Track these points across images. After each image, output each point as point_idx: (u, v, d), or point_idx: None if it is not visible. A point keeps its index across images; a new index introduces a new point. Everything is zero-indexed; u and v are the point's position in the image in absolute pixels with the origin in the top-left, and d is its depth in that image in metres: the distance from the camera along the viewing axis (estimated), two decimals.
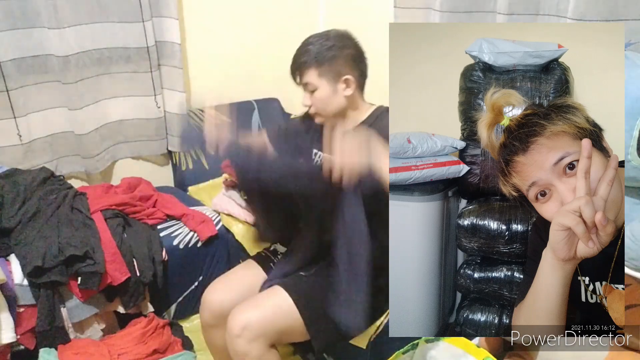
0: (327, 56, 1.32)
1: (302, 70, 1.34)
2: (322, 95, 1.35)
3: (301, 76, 1.36)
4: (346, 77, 1.35)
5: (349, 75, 1.35)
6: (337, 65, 1.33)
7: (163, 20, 2.03)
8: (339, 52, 1.33)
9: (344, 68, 1.34)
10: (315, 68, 1.33)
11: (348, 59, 1.34)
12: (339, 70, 1.34)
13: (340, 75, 1.34)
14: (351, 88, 1.36)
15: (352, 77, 1.35)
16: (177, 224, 1.86)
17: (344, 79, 1.35)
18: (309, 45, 1.34)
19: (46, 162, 1.98)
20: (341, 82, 1.35)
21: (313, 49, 1.33)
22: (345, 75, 1.34)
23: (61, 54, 1.85)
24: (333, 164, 1.10)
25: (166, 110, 2.19)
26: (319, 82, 1.34)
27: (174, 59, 2.08)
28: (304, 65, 1.34)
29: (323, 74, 1.33)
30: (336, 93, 1.36)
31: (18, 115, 1.86)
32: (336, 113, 1.39)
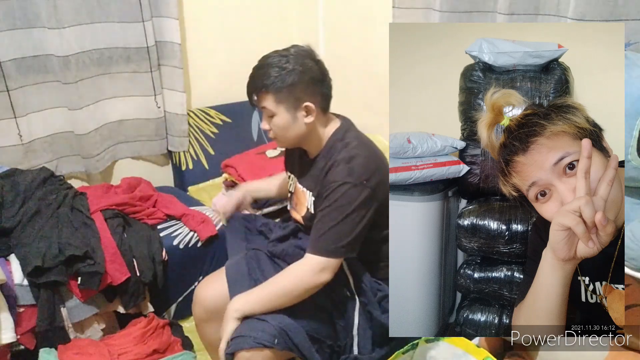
0: (287, 82, 1.21)
1: (259, 94, 1.24)
2: (280, 122, 1.26)
3: (258, 99, 1.26)
4: (306, 104, 1.25)
5: (309, 102, 1.25)
6: (297, 91, 1.23)
7: (163, 20, 2.03)
8: (298, 78, 1.22)
9: (304, 95, 1.24)
10: (273, 94, 1.23)
11: (309, 84, 1.24)
12: (298, 96, 1.24)
13: (301, 102, 1.24)
14: (312, 115, 1.26)
15: (313, 103, 1.25)
16: (177, 224, 1.86)
17: (305, 106, 1.25)
18: (267, 67, 1.23)
19: (46, 162, 1.98)
20: (301, 109, 1.25)
21: (272, 71, 1.22)
22: (305, 102, 1.25)
23: (61, 54, 1.85)
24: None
25: (166, 110, 2.19)
26: (276, 109, 1.24)
27: (174, 59, 2.08)
28: (260, 90, 1.24)
29: (281, 101, 1.23)
30: (296, 120, 1.26)
31: (18, 115, 1.86)
32: (296, 140, 1.31)
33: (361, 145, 1.29)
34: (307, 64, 1.25)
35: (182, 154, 2.24)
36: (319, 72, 1.27)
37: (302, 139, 1.32)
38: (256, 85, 1.25)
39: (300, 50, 1.27)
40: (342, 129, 1.32)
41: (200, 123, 2.27)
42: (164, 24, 2.03)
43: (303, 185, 1.39)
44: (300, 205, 1.41)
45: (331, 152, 1.29)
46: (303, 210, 1.39)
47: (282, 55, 1.25)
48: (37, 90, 1.89)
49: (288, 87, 1.22)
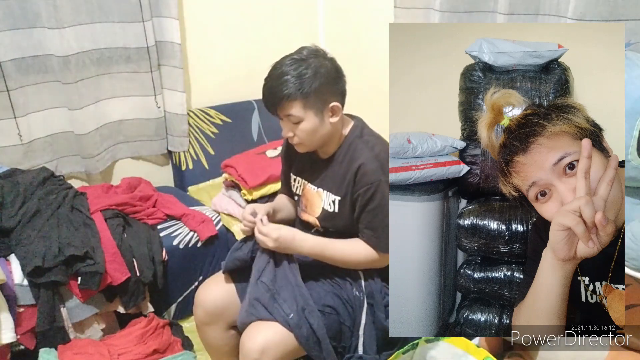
0: (313, 86, 1.21)
1: (285, 104, 1.22)
2: (308, 127, 1.25)
3: (282, 109, 1.23)
4: (333, 104, 1.26)
5: (335, 102, 1.26)
6: (323, 94, 1.23)
7: (163, 20, 2.03)
8: (323, 79, 1.22)
9: (330, 95, 1.25)
10: (301, 100, 1.21)
11: (332, 84, 1.25)
12: (325, 98, 1.24)
13: (327, 104, 1.25)
14: (337, 115, 1.27)
15: (338, 102, 1.27)
16: (177, 224, 1.86)
17: (331, 107, 1.26)
18: (286, 74, 1.21)
19: (46, 162, 1.98)
20: (328, 111, 1.26)
21: (293, 79, 1.20)
22: (331, 102, 1.25)
23: (61, 54, 1.85)
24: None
25: (166, 110, 2.19)
26: (304, 115, 1.23)
27: (174, 59, 2.08)
28: (286, 99, 1.21)
29: (309, 106, 1.22)
30: (323, 123, 1.26)
31: (18, 115, 1.86)
32: (321, 142, 1.31)
33: (379, 140, 1.33)
34: (325, 64, 1.25)
35: (182, 154, 2.24)
36: (336, 71, 1.28)
37: (326, 140, 1.32)
38: (280, 95, 1.21)
39: (312, 51, 1.26)
40: (357, 127, 1.35)
41: (200, 123, 2.26)
42: (164, 24, 2.03)
43: (317, 186, 1.39)
44: (313, 206, 1.40)
45: (353, 151, 1.31)
46: (317, 211, 1.39)
47: (298, 60, 1.23)
48: (37, 90, 1.89)
49: (315, 91, 1.21)
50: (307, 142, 1.29)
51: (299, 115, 1.23)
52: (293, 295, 1.28)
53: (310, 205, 1.42)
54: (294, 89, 1.20)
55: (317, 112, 1.24)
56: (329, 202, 1.35)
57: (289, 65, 1.22)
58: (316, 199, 1.39)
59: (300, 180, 1.45)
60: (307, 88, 1.21)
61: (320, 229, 1.42)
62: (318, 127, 1.26)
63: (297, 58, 1.23)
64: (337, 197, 1.33)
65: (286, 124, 1.28)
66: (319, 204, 1.38)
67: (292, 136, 1.29)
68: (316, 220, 1.41)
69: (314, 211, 1.41)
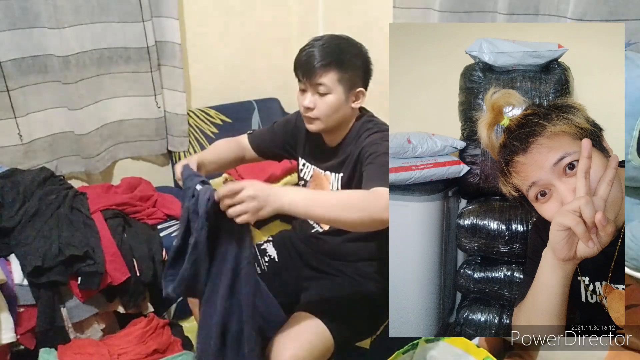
0: (353, 64, 1.25)
1: (323, 70, 1.22)
2: (333, 100, 1.26)
3: (318, 76, 1.23)
4: (360, 89, 1.29)
5: (362, 88, 1.29)
6: (357, 75, 1.27)
7: (163, 20, 2.03)
8: (362, 63, 1.27)
9: (360, 80, 1.29)
10: (338, 72, 1.23)
11: (365, 72, 1.29)
12: (356, 81, 1.28)
13: (356, 87, 1.28)
14: (359, 102, 1.31)
15: (364, 90, 1.30)
16: (177, 224, 1.86)
17: (358, 91, 1.29)
18: (329, 44, 1.24)
19: (46, 162, 1.98)
20: (353, 94, 1.29)
21: (336, 49, 1.23)
22: (359, 87, 1.29)
23: (61, 54, 1.85)
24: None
25: (166, 110, 2.19)
26: (335, 87, 1.25)
27: (174, 59, 2.08)
28: (325, 66, 1.22)
29: (342, 80, 1.25)
30: (346, 103, 1.28)
31: (18, 115, 1.86)
32: (337, 124, 1.32)
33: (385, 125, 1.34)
34: (364, 54, 1.29)
35: (182, 154, 2.24)
36: (369, 62, 1.31)
37: (341, 124, 1.33)
38: (319, 60, 1.22)
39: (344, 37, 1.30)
40: (364, 116, 1.37)
41: (200, 123, 2.26)
42: (164, 24, 2.03)
43: (325, 169, 1.40)
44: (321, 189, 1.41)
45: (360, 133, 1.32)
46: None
47: (341, 37, 1.27)
48: (37, 90, 1.89)
49: (352, 68, 1.25)
50: (325, 118, 1.28)
51: (329, 86, 1.24)
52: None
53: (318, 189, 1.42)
54: (335, 57, 1.22)
55: (345, 90, 1.26)
56: (336, 181, 1.37)
57: (333, 39, 1.25)
58: (324, 182, 1.40)
59: (309, 166, 1.46)
60: (347, 62, 1.24)
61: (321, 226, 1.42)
62: (341, 106, 1.27)
63: (343, 37, 1.27)
64: (341, 174, 1.35)
65: (312, 94, 1.26)
66: (327, 186, 1.39)
67: (313, 108, 1.26)
68: None
69: None
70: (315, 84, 1.24)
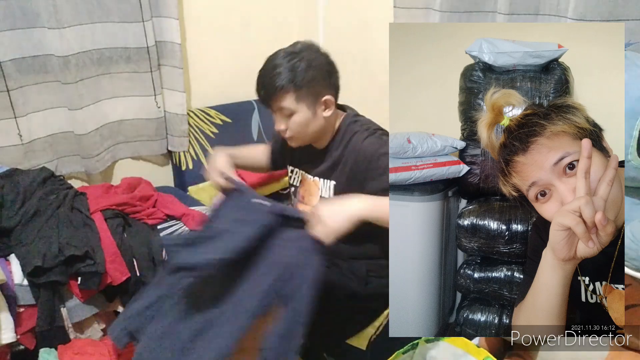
0: (306, 78, 1.21)
1: (277, 95, 1.23)
2: (300, 119, 1.25)
3: (275, 100, 1.24)
4: (326, 97, 1.26)
5: (328, 96, 1.26)
6: (317, 86, 1.24)
7: (163, 20, 2.03)
8: (317, 72, 1.23)
9: (323, 88, 1.25)
10: (293, 92, 1.22)
11: (325, 77, 1.25)
12: (318, 91, 1.24)
13: (320, 97, 1.25)
14: (331, 108, 1.28)
15: (331, 96, 1.27)
16: (177, 224, 1.86)
17: (324, 100, 1.26)
18: (279, 66, 1.22)
19: (46, 162, 1.98)
20: (321, 104, 1.26)
21: (285, 71, 1.21)
22: (324, 95, 1.25)
23: (61, 54, 1.84)
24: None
25: (166, 110, 2.19)
26: (296, 107, 1.24)
27: (174, 59, 2.08)
28: (279, 90, 1.21)
29: (301, 98, 1.23)
30: (315, 116, 1.27)
31: (18, 115, 1.86)
32: (314, 136, 1.32)
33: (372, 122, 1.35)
34: (319, 58, 1.25)
35: (182, 154, 2.24)
36: (330, 65, 1.28)
37: (319, 134, 1.32)
38: (272, 86, 1.22)
39: (306, 45, 1.27)
40: (350, 116, 1.36)
41: (200, 123, 2.26)
42: (164, 24, 2.03)
43: (314, 175, 1.40)
44: (310, 195, 1.41)
45: (347, 136, 1.31)
46: (315, 200, 1.40)
47: (291, 53, 1.24)
48: (37, 90, 1.89)
49: (308, 84, 1.22)
50: (300, 136, 1.30)
51: (291, 108, 1.23)
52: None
53: (307, 196, 1.42)
54: (287, 80, 1.20)
55: (309, 105, 1.24)
56: (326, 189, 1.36)
57: (282, 58, 1.23)
58: (313, 188, 1.40)
59: (297, 172, 1.45)
60: (300, 80, 1.21)
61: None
62: (310, 120, 1.27)
63: (291, 51, 1.24)
64: (333, 182, 1.34)
65: (279, 117, 1.27)
66: (316, 192, 1.39)
67: (285, 129, 1.28)
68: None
69: (311, 201, 1.41)
70: (278, 109, 1.25)
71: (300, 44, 1.27)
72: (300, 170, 1.45)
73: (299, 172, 1.45)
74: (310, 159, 1.41)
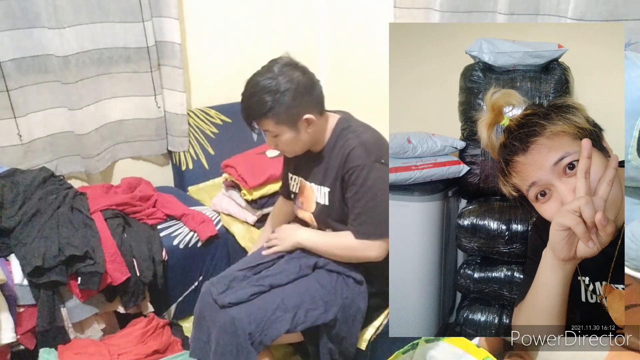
0: (283, 104, 1.24)
1: (258, 120, 1.28)
2: (285, 139, 1.30)
3: (258, 125, 1.29)
4: (306, 117, 1.28)
5: (308, 115, 1.28)
6: (294, 109, 1.26)
7: (163, 20, 2.03)
8: (293, 95, 1.24)
9: (302, 109, 1.27)
10: (272, 118, 1.26)
11: (303, 97, 1.26)
12: (296, 112, 1.26)
13: (300, 117, 1.27)
14: (313, 124, 1.30)
15: (312, 114, 1.28)
16: (177, 224, 1.86)
17: (305, 119, 1.28)
18: (260, 93, 1.24)
19: (46, 162, 1.98)
20: (302, 122, 1.28)
21: (265, 97, 1.24)
22: (304, 115, 1.27)
23: (61, 54, 1.84)
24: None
25: (166, 110, 2.19)
26: (279, 130, 1.28)
27: (174, 59, 2.08)
28: (258, 117, 1.27)
29: (281, 122, 1.27)
30: (299, 133, 1.30)
31: (18, 115, 1.86)
32: (304, 149, 1.36)
33: (367, 128, 1.35)
34: (296, 78, 1.26)
35: (182, 154, 2.24)
36: (309, 81, 1.28)
37: (310, 145, 1.36)
38: (254, 113, 1.27)
39: (283, 64, 1.27)
40: (343, 120, 1.37)
41: (200, 123, 2.26)
42: (164, 24, 2.03)
43: (310, 181, 1.41)
44: (308, 202, 1.42)
45: (339, 141, 1.33)
46: (312, 206, 1.41)
47: (268, 78, 1.25)
48: (37, 90, 1.89)
49: (285, 109, 1.25)
50: (289, 151, 1.36)
51: (273, 130, 1.29)
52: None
53: (306, 202, 1.43)
54: (266, 108, 1.24)
55: (291, 126, 1.28)
56: (321, 195, 1.37)
57: (261, 82, 1.25)
58: (310, 194, 1.41)
59: (297, 179, 1.47)
60: (277, 107, 1.24)
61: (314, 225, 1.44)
62: (295, 139, 1.31)
63: (269, 76, 1.25)
64: (327, 188, 1.35)
65: (267, 136, 1.33)
66: (313, 198, 1.40)
67: (276, 147, 1.35)
68: (311, 216, 1.42)
69: (309, 207, 1.42)
70: (263, 130, 1.31)
71: (277, 65, 1.27)
72: (299, 177, 1.46)
73: (298, 179, 1.46)
74: (308, 165, 1.42)
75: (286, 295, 1.31)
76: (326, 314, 1.31)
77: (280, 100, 1.24)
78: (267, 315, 1.26)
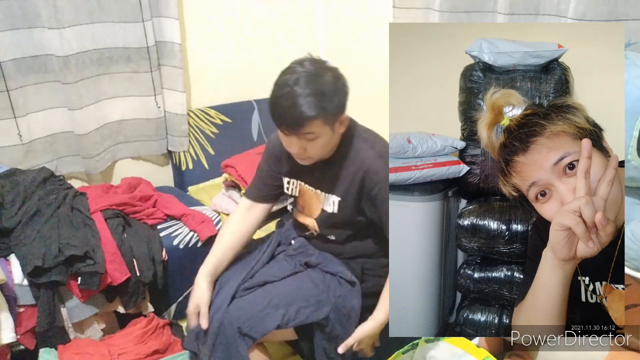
0: (335, 101, 1.18)
1: (310, 121, 1.15)
2: (323, 142, 1.21)
3: (305, 127, 1.16)
4: (344, 116, 1.23)
5: (345, 114, 1.24)
6: (340, 106, 1.21)
7: (163, 20, 2.03)
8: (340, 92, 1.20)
9: (342, 107, 1.22)
10: (322, 119, 1.16)
11: (344, 97, 1.22)
12: (339, 111, 1.21)
13: (339, 117, 1.22)
14: (344, 125, 1.26)
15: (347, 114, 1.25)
16: (177, 224, 1.86)
17: (342, 119, 1.23)
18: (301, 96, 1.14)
19: (46, 162, 1.98)
20: (339, 122, 1.23)
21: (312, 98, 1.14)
22: (342, 114, 1.23)
23: (61, 54, 1.85)
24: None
25: (166, 110, 2.19)
26: (322, 131, 1.19)
27: (174, 59, 2.08)
28: (307, 120, 1.15)
29: (329, 121, 1.19)
30: (334, 134, 1.24)
31: (18, 115, 1.86)
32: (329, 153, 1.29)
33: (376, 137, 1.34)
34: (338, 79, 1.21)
35: (182, 154, 2.24)
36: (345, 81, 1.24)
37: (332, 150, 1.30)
38: (300, 117, 1.15)
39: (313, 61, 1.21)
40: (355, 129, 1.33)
41: (200, 123, 2.26)
42: (164, 24, 2.03)
43: (315, 187, 1.38)
44: (310, 207, 1.40)
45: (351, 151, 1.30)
46: (316, 212, 1.39)
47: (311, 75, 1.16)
48: (37, 90, 1.89)
49: (336, 105, 1.19)
50: (318, 155, 1.26)
51: (317, 132, 1.19)
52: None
53: (308, 207, 1.41)
54: (316, 109, 1.14)
55: (332, 127, 1.21)
56: (329, 203, 1.35)
57: (300, 84, 1.15)
58: (314, 200, 1.39)
59: (294, 182, 1.43)
60: (330, 104, 1.17)
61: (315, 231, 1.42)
62: (330, 141, 1.24)
63: (309, 73, 1.17)
64: (338, 197, 1.33)
65: (299, 141, 1.21)
66: (317, 205, 1.38)
67: (304, 152, 1.24)
68: (314, 221, 1.40)
69: (312, 212, 1.40)
70: (301, 134, 1.18)
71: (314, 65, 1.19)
72: (298, 181, 1.42)
73: (297, 183, 1.43)
74: (311, 170, 1.36)
75: (278, 292, 1.31)
76: (318, 312, 1.29)
77: (330, 99, 1.17)
78: (257, 311, 1.26)
